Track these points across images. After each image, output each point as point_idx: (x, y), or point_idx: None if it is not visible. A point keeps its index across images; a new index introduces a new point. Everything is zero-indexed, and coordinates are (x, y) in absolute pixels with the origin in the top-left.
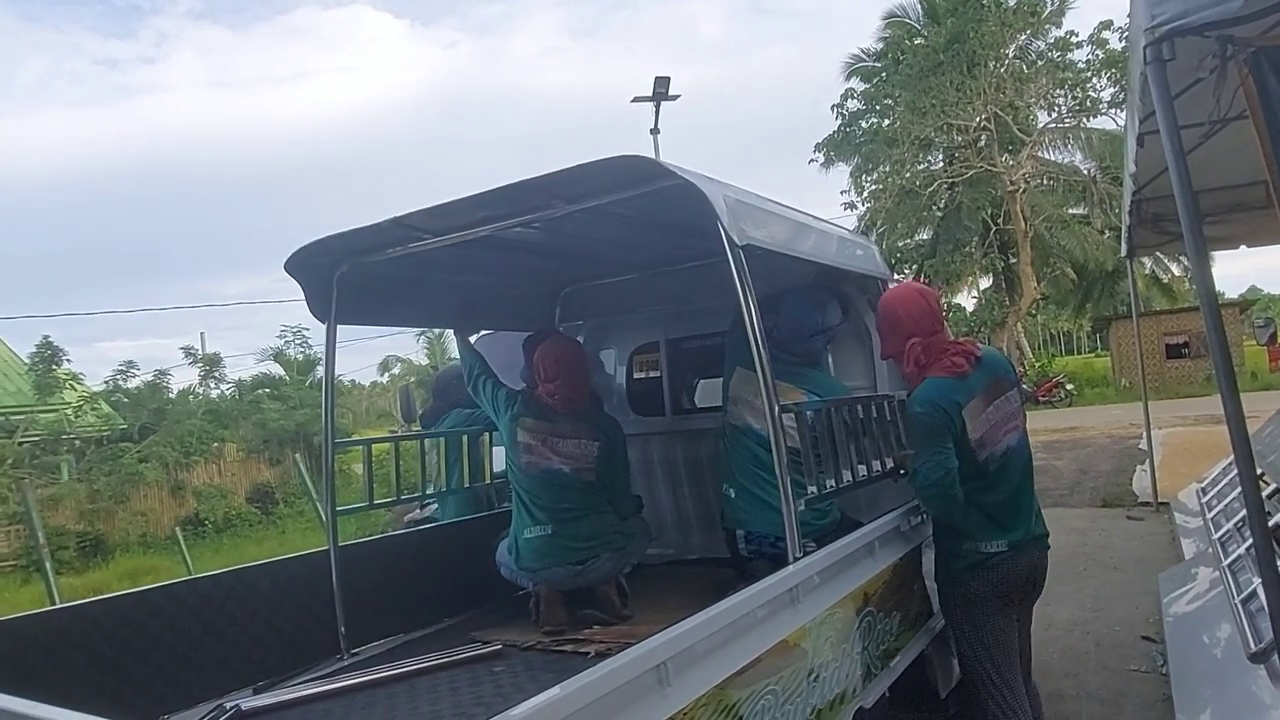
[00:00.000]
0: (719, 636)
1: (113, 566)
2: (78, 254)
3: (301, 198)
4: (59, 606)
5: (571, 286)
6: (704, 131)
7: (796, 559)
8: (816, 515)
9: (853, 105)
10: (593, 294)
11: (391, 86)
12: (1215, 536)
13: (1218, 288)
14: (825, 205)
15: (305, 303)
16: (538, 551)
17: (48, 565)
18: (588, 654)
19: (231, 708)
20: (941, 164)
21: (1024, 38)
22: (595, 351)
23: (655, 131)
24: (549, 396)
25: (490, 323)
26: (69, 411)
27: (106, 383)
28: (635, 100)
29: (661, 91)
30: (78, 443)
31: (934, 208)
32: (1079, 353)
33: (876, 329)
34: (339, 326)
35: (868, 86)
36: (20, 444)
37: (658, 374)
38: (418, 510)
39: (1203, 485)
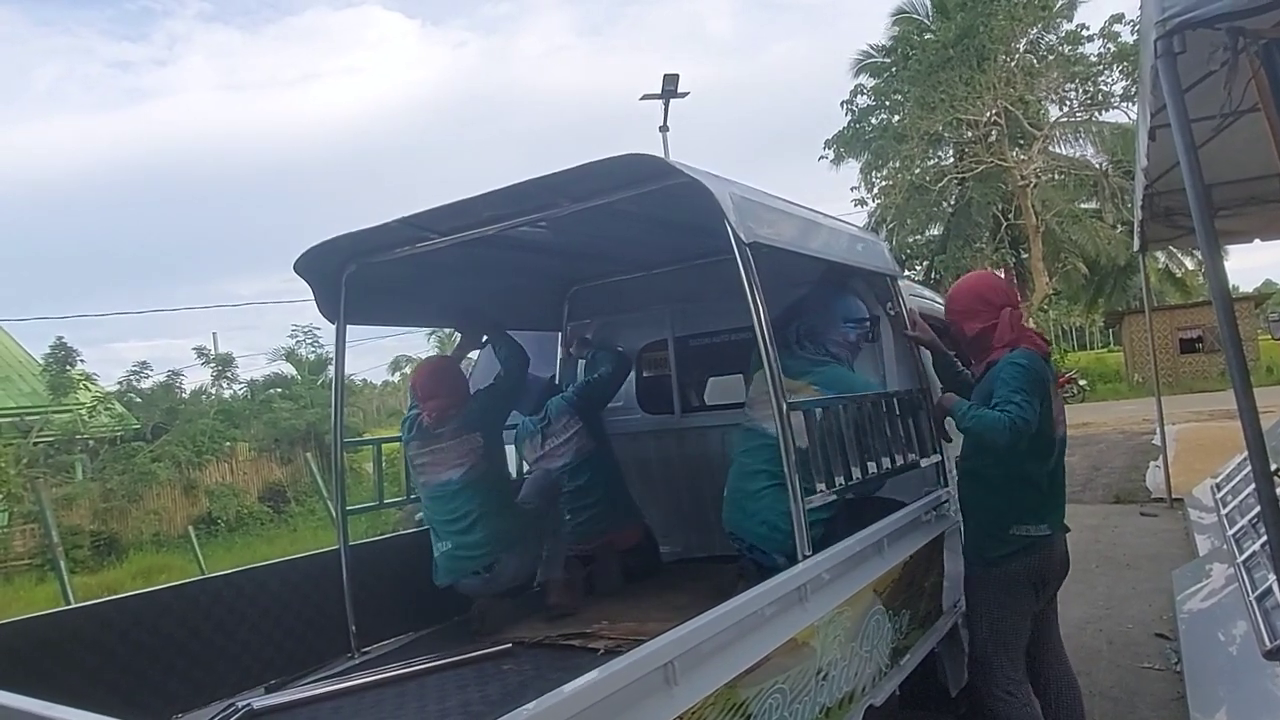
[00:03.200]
0: (727, 635)
1: (126, 565)
2: (91, 256)
3: (312, 198)
4: (71, 607)
5: (579, 285)
6: (713, 128)
7: (806, 556)
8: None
9: (862, 101)
10: (601, 292)
11: (401, 87)
12: (1230, 533)
13: (1232, 282)
14: (836, 202)
15: (314, 303)
16: (445, 569)
17: (61, 564)
18: (597, 650)
19: (243, 707)
20: (951, 159)
21: (1034, 32)
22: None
23: (664, 129)
24: (427, 415)
25: (497, 323)
26: (83, 412)
27: (120, 383)
28: (644, 98)
29: (670, 89)
30: (91, 443)
31: (944, 203)
32: (1091, 348)
33: (957, 312)
34: (349, 326)
35: (877, 82)
36: (35, 444)
37: (666, 372)
38: None
39: (1217, 481)
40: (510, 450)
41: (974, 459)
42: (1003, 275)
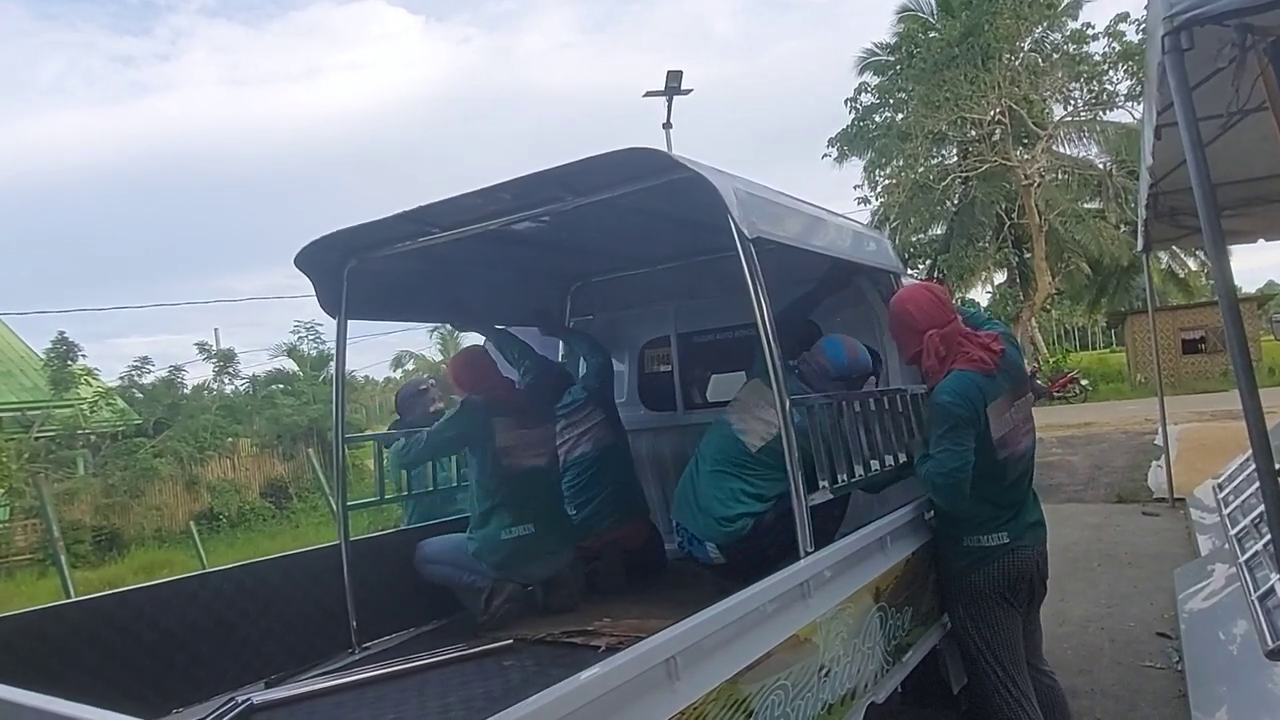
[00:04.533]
0: (729, 631)
1: (128, 560)
2: (93, 251)
3: (315, 194)
4: (71, 600)
5: (582, 281)
6: (717, 127)
7: (808, 553)
8: (725, 521)
9: (866, 99)
10: (603, 288)
11: (404, 83)
12: (1232, 533)
13: (1234, 283)
14: (839, 200)
15: (316, 298)
16: (517, 552)
17: (62, 559)
18: (598, 648)
19: (243, 702)
20: (955, 158)
21: (1040, 30)
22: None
23: (668, 126)
24: (492, 393)
25: (500, 318)
26: (85, 407)
27: (122, 378)
28: (647, 95)
29: (674, 85)
30: (93, 438)
31: (948, 202)
32: (1094, 348)
33: (892, 337)
34: (350, 321)
35: (881, 80)
36: (36, 439)
37: (668, 368)
38: None
39: (1219, 481)
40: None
41: None
42: (934, 288)
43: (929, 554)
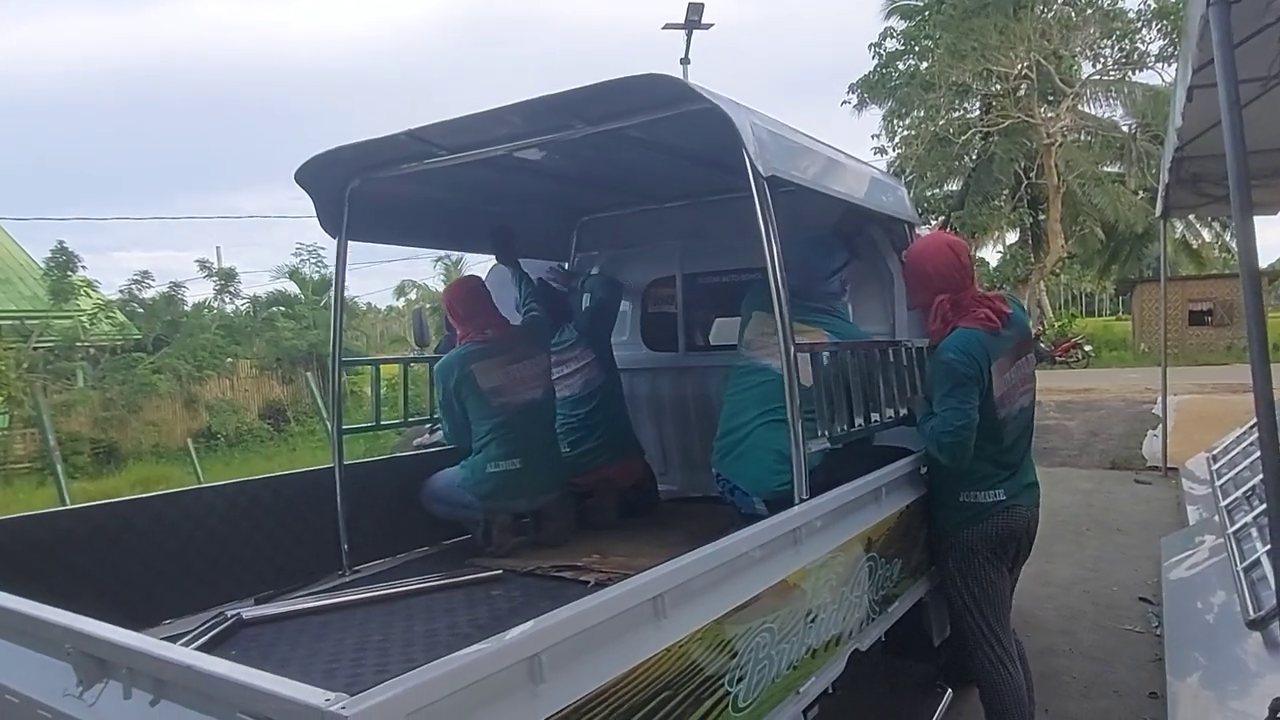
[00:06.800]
0: (718, 573)
1: (125, 474)
2: (95, 162)
3: (321, 114)
4: (64, 509)
5: (589, 215)
6: (735, 66)
7: (803, 499)
8: (780, 474)
9: (891, 45)
10: (610, 224)
11: (417, 1)
12: (1222, 504)
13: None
14: (855, 149)
15: (316, 217)
16: (502, 486)
17: (59, 468)
18: (586, 583)
19: (233, 616)
20: (977, 112)
21: None
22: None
23: (685, 61)
24: (481, 332)
25: (505, 250)
26: (84, 319)
27: (121, 292)
28: (666, 27)
29: (694, 19)
30: (92, 350)
31: (966, 157)
32: (1100, 315)
33: (904, 278)
34: (352, 245)
35: (908, 25)
36: (35, 349)
37: (673, 309)
38: (426, 434)
39: (1213, 453)
40: None
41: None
42: (957, 246)
43: (922, 508)
